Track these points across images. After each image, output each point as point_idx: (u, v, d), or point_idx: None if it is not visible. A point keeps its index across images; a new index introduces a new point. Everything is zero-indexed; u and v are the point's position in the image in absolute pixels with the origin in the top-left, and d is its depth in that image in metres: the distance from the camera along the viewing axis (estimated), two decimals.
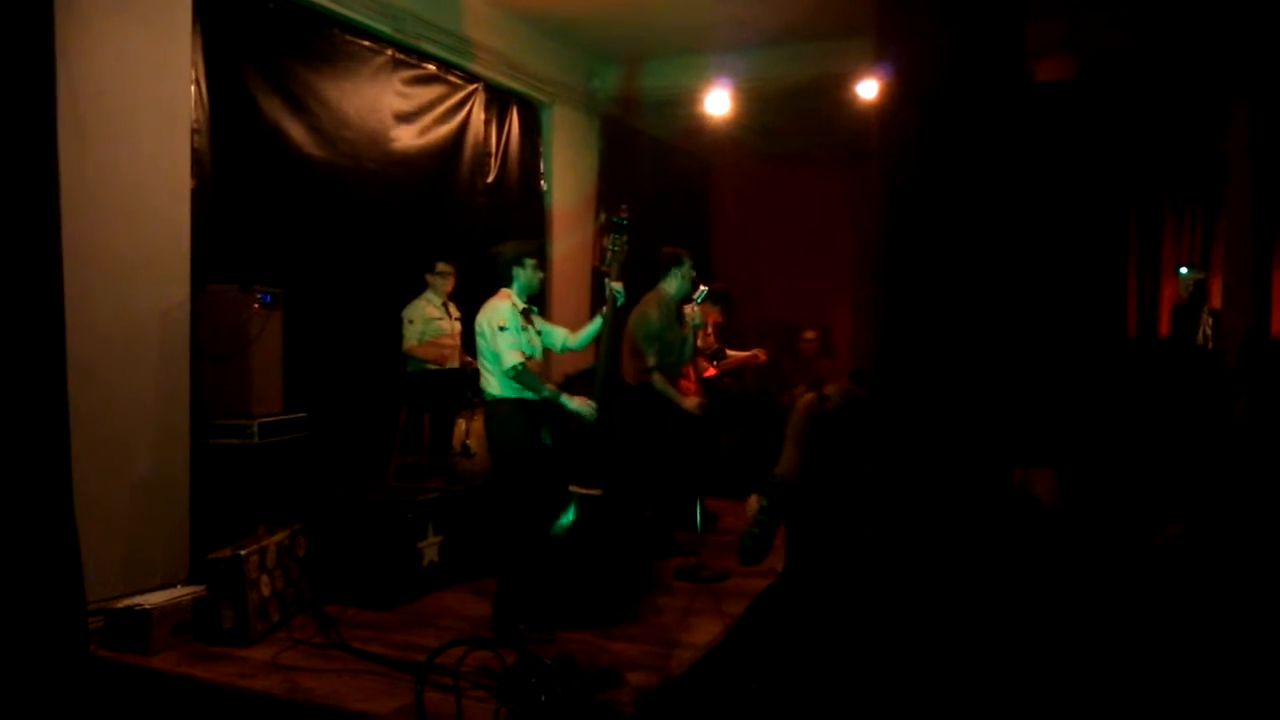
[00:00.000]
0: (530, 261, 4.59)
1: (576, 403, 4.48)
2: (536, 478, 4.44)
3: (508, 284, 4.59)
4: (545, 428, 4.52)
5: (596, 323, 4.69)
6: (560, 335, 4.76)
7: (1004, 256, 2.32)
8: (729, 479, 7.14)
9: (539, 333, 4.65)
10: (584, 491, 4.51)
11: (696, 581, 5.10)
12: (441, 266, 6.25)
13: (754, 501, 3.63)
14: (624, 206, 4.77)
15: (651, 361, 5.53)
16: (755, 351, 7.05)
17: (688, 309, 5.80)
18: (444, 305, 6.28)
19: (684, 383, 5.98)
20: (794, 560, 3.54)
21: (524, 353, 4.41)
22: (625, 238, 4.65)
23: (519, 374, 4.37)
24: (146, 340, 4.63)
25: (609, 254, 4.66)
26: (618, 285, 4.64)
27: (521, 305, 4.56)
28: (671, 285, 5.69)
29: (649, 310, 5.63)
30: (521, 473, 4.43)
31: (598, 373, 4.63)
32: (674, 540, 5.74)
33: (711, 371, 6.30)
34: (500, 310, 4.45)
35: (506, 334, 4.38)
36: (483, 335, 4.46)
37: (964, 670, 2.44)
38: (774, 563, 4.37)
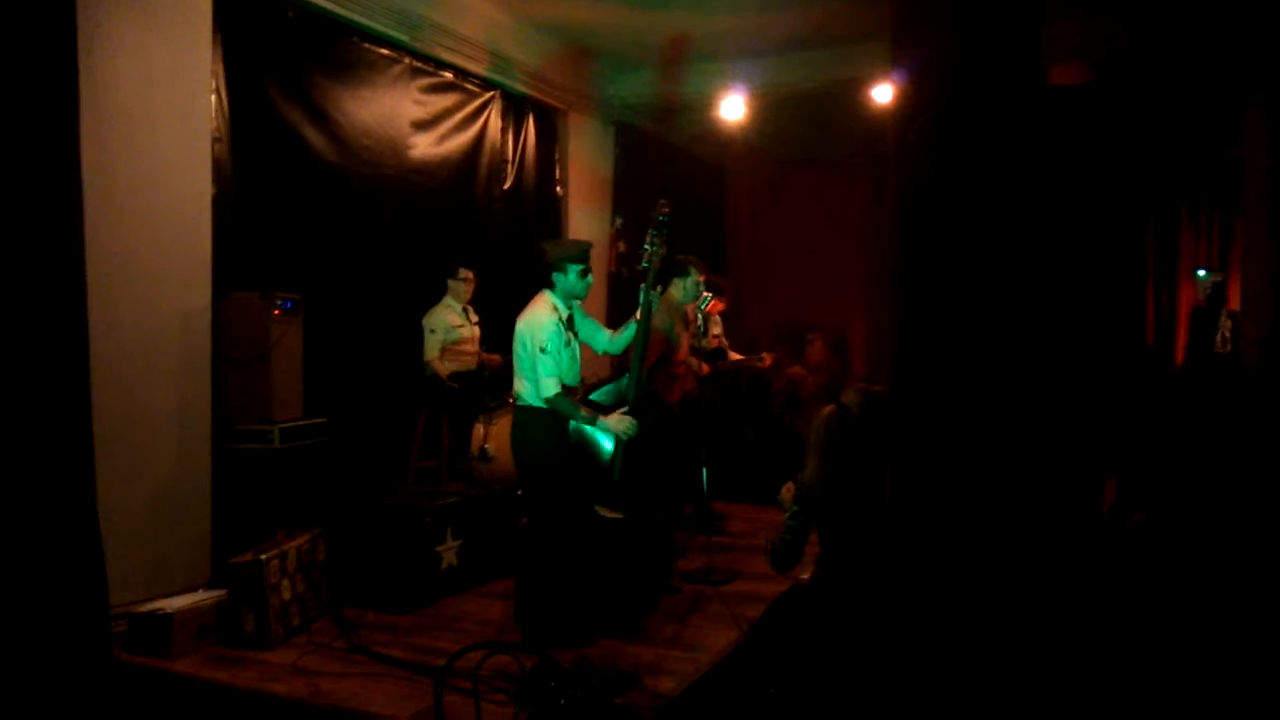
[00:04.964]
0: (575, 268, 4.29)
1: (613, 424, 4.26)
2: (560, 487, 4.28)
3: (548, 285, 4.33)
4: (579, 447, 4.32)
5: (631, 327, 4.43)
6: (604, 336, 4.50)
7: (1022, 260, 2.33)
8: (738, 481, 7.15)
9: (576, 336, 4.40)
10: (607, 514, 4.39)
11: (706, 584, 5.11)
12: (463, 272, 6.28)
13: (786, 491, 3.65)
14: (663, 201, 4.47)
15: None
16: (761, 355, 7.00)
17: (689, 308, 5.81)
18: (464, 311, 6.31)
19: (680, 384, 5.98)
20: (825, 566, 3.56)
21: (561, 379, 4.21)
22: (664, 236, 4.37)
23: (554, 402, 4.19)
24: (168, 347, 4.68)
25: (646, 253, 4.39)
26: (655, 292, 4.41)
27: (565, 312, 4.32)
28: (679, 291, 5.72)
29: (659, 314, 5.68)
30: (544, 482, 4.29)
31: (631, 382, 4.37)
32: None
33: (705, 369, 6.26)
34: (544, 328, 4.20)
35: (547, 358, 4.16)
36: (523, 345, 4.24)
37: (981, 674, 2.44)
38: (797, 570, 4.38)
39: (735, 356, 6.84)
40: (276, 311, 5.00)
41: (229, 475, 4.91)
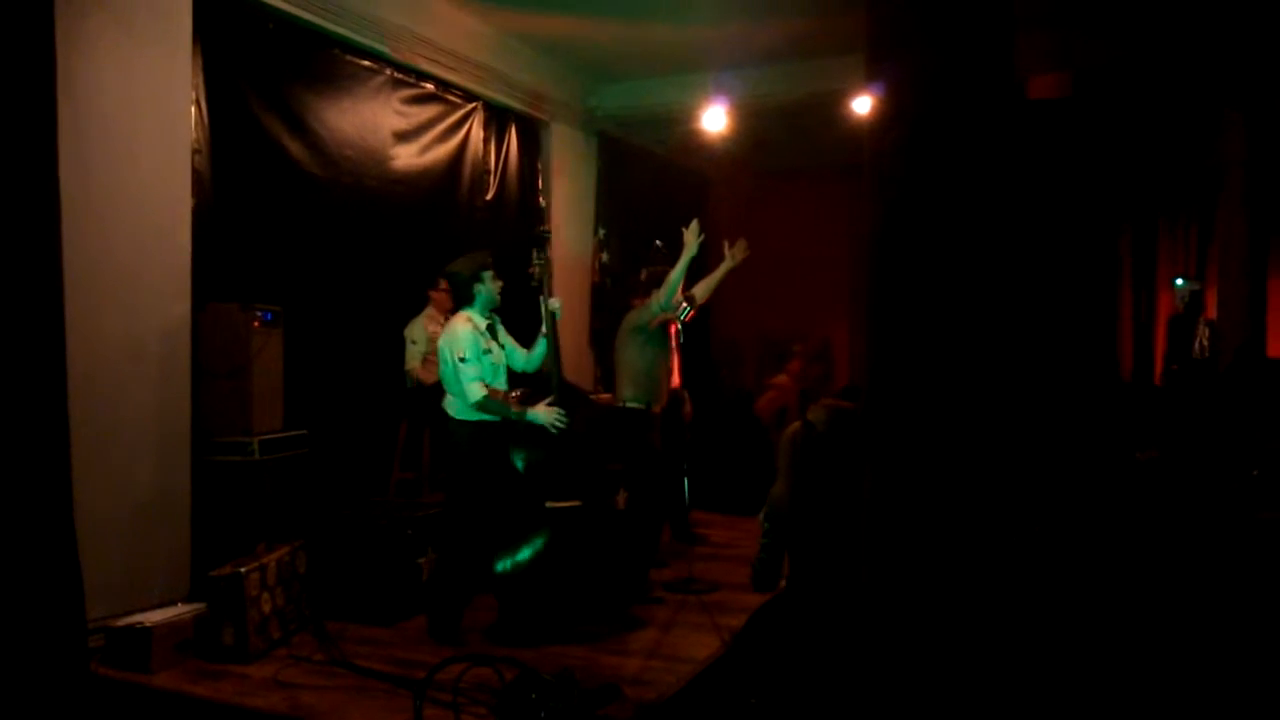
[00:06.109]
0: (488, 274, 4.56)
1: (542, 413, 4.48)
2: (492, 500, 4.48)
3: (469, 303, 4.56)
4: (516, 450, 4.50)
5: (542, 343, 4.67)
6: (520, 355, 4.74)
7: (996, 270, 2.35)
8: (717, 492, 7.15)
9: (503, 347, 4.64)
10: (561, 505, 4.53)
11: (687, 594, 5.12)
12: (445, 284, 6.27)
13: (762, 516, 3.69)
14: (544, 224, 4.83)
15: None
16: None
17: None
18: (445, 322, 6.29)
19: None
20: (796, 577, 3.58)
21: (486, 382, 4.42)
22: (546, 251, 4.69)
23: (481, 404, 4.40)
24: (147, 358, 4.65)
25: (537, 269, 4.65)
26: (555, 301, 4.65)
27: (484, 323, 4.55)
28: (656, 303, 5.76)
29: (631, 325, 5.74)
30: (477, 494, 4.49)
31: (553, 383, 4.61)
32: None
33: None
34: (459, 339, 4.42)
35: (467, 365, 4.37)
36: (445, 362, 4.46)
37: (961, 680, 2.46)
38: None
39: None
40: (256, 323, 4.98)
41: (208, 487, 4.88)
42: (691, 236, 5.37)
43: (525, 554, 4.43)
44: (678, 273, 5.40)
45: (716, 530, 6.69)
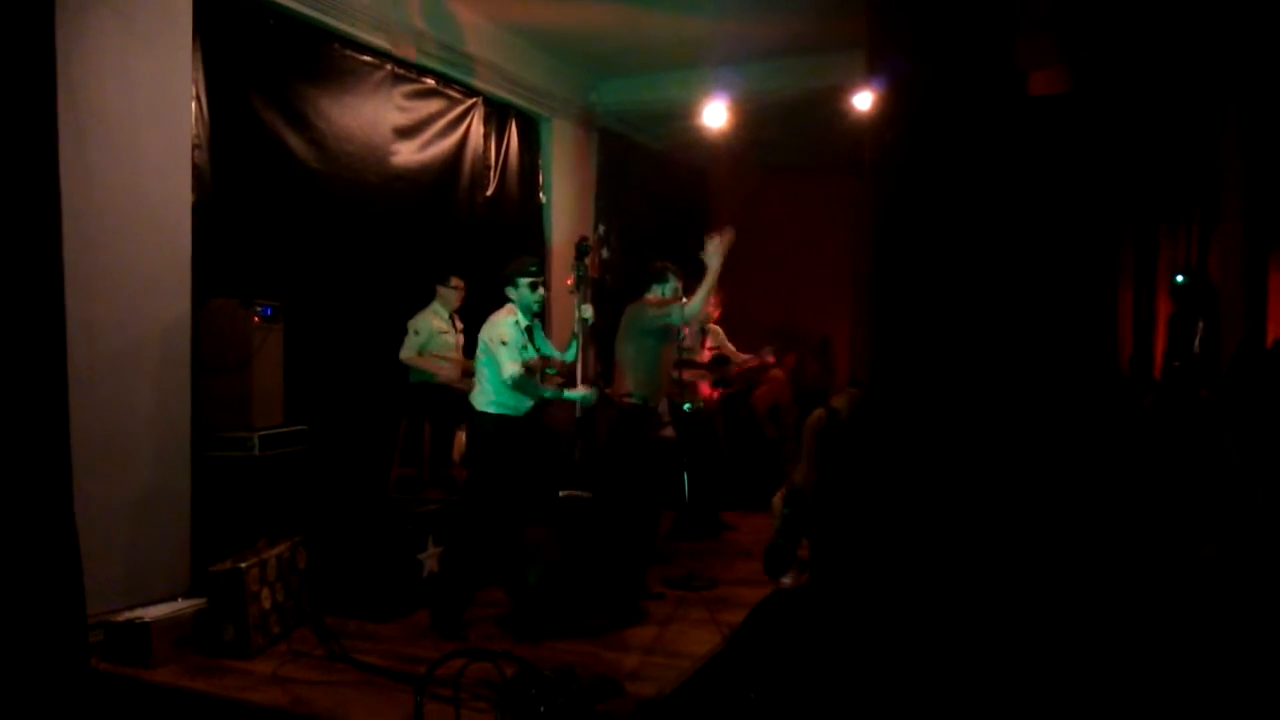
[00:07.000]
0: (524, 281, 4.66)
1: (580, 391, 4.61)
2: (506, 494, 4.55)
3: (511, 301, 4.70)
4: (532, 443, 4.62)
5: (574, 344, 4.82)
6: (558, 357, 4.90)
7: (996, 266, 2.35)
8: (731, 489, 7.16)
9: (539, 351, 4.76)
10: (574, 494, 4.60)
11: (687, 590, 5.12)
12: (454, 280, 6.28)
13: (778, 501, 3.66)
14: (584, 235, 4.98)
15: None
16: (765, 354, 6.97)
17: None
18: (450, 319, 6.29)
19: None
20: (818, 568, 3.57)
21: (522, 362, 4.52)
22: (588, 261, 4.82)
23: (518, 382, 4.48)
24: (148, 353, 4.65)
25: (575, 277, 4.79)
26: (587, 308, 4.78)
27: (525, 322, 4.66)
28: (656, 296, 5.76)
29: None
30: (490, 488, 4.55)
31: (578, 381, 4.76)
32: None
33: (716, 393, 6.35)
34: (503, 325, 4.56)
35: (506, 349, 4.49)
36: (484, 348, 4.58)
37: (969, 676, 2.46)
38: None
39: (742, 357, 6.86)
40: (257, 319, 4.98)
41: (209, 483, 4.88)
42: (713, 253, 5.37)
43: (541, 569, 4.51)
44: (707, 288, 5.37)
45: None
